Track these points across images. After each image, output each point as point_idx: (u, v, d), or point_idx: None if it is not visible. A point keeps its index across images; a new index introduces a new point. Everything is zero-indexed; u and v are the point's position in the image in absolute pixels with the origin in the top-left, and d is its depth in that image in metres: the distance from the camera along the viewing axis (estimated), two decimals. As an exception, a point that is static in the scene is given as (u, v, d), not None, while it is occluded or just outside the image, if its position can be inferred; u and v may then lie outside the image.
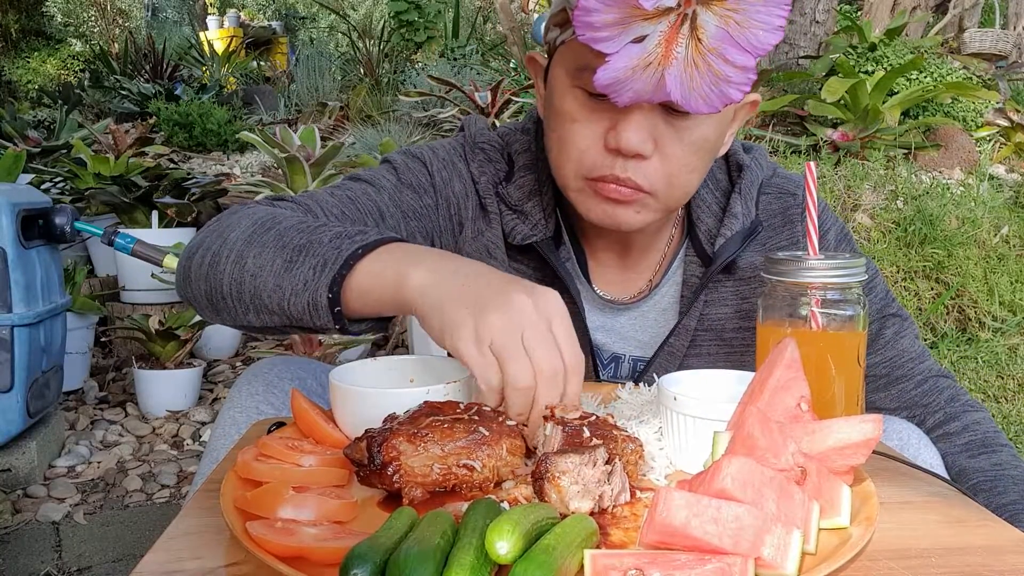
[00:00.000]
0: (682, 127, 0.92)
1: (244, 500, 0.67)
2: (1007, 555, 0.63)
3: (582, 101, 0.94)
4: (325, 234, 0.85)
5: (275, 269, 0.85)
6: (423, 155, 1.10)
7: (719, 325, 1.10)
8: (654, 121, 0.91)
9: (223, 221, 0.95)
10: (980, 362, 3.11)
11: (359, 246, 0.82)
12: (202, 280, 0.92)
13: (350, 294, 0.82)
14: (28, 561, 1.96)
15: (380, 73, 5.75)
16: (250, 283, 0.87)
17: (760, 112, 4.27)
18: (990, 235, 3.57)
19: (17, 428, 2.21)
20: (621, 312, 1.14)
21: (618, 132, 0.90)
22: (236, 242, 0.89)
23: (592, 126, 0.93)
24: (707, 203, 1.11)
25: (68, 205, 2.40)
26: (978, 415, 1.09)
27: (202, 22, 9.74)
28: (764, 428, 0.64)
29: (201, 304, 0.95)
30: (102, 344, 3.33)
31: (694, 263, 1.10)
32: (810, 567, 0.57)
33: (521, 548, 0.53)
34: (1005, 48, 5.08)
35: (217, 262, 0.90)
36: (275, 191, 3.36)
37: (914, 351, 1.11)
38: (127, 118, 5.47)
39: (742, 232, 1.07)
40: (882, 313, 1.11)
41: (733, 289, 1.10)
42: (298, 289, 0.83)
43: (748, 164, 1.11)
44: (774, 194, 1.12)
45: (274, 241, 0.87)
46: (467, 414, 0.73)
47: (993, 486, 1.00)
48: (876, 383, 1.11)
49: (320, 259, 0.83)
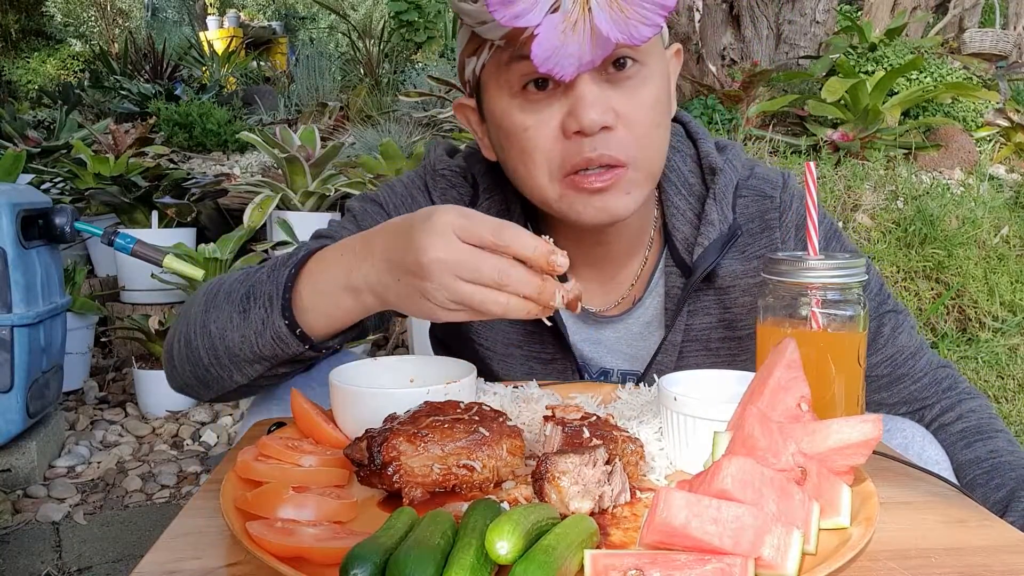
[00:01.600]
0: (632, 86, 0.92)
1: (244, 500, 0.67)
2: (1007, 555, 0.63)
3: (528, 106, 0.92)
4: (261, 274, 0.93)
5: (234, 323, 0.92)
6: (379, 197, 1.11)
7: (704, 335, 1.09)
8: (604, 92, 0.90)
9: (184, 308, 1.03)
10: (980, 362, 3.11)
11: (291, 268, 0.90)
12: (185, 363, 0.98)
13: (305, 314, 0.89)
14: (28, 561, 1.96)
15: (380, 73, 5.75)
16: (220, 345, 0.94)
17: (760, 112, 4.27)
18: (990, 235, 3.57)
19: (17, 428, 2.21)
20: (605, 325, 1.13)
21: (575, 114, 0.89)
22: (196, 316, 0.97)
23: (547, 123, 0.92)
24: (681, 210, 1.08)
25: (68, 205, 2.40)
26: (974, 403, 1.09)
27: (202, 22, 9.74)
28: (764, 428, 0.64)
29: (194, 387, 1.01)
30: (102, 344, 3.34)
31: (674, 274, 1.08)
32: (810, 567, 0.57)
33: (521, 548, 0.53)
34: (1005, 48, 5.09)
35: (189, 341, 0.97)
36: (275, 191, 3.36)
37: (912, 346, 1.11)
38: (127, 118, 5.47)
39: (720, 239, 1.05)
40: (878, 311, 1.10)
41: (715, 298, 1.08)
42: (259, 329, 0.90)
43: (721, 167, 1.08)
44: (751, 197, 1.08)
45: (224, 300, 0.94)
46: (467, 414, 0.73)
47: (990, 478, 1.00)
48: (879, 382, 1.10)
49: (265, 296, 0.90)
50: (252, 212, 3.25)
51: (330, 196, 3.45)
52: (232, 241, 3.09)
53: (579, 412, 0.79)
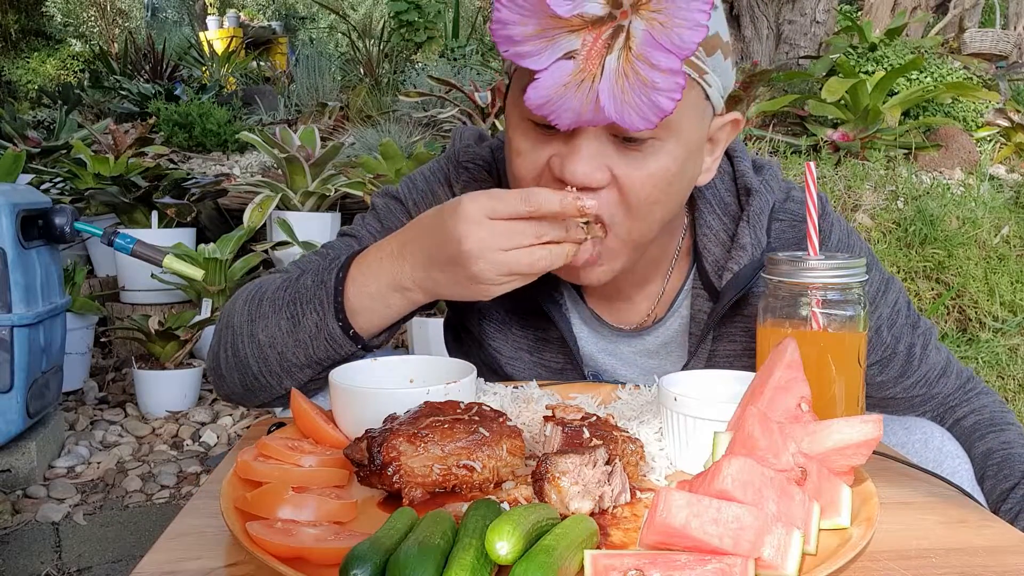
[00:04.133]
0: (636, 157, 0.85)
1: (244, 500, 0.67)
2: (1007, 555, 0.63)
3: (529, 133, 0.88)
4: (304, 280, 0.96)
5: (283, 329, 0.95)
6: (401, 193, 1.10)
7: (727, 363, 1.04)
8: (605, 151, 0.85)
9: (226, 311, 1.04)
10: (980, 362, 3.11)
11: (336, 272, 0.93)
12: (233, 372, 1.00)
13: (356, 316, 0.92)
14: (28, 561, 1.96)
15: (380, 73, 5.75)
16: (271, 352, 0.96)
17: (760, 112, 4.27)
18: (990, 235, 3.57)
19: (17, 428, 2.21)
20: (622, 339, 1.09)
21: (564, 163, 0.85)
22: (242, 326, 0.98)
23: (538, 159, 0.88)
24: (714, 230, 1.03)
25: (68, 205, 2.40)
26: (987, 399, 1.09)
27: (202, 22, 9.74)
28: (764, 428, 0.64)
29: (239, 394, 1.03)
30: (102, 344, 3.33)
31: (701, 297, 1.03)
32: (810, 567, 0.57)
33: (521, 548, 0.53)
34: (1005, 48, 5.09)
35: (237, 351, 0.98)
36: (275, 191, 3.36)
37: (941, 361, 1.08)
38: (127, 118, 5.46)
39: (752, 265, 0.98)
40: (912, 335, 1.06)
41: (743, 326, 1.02)
42: (313, 333, 0.93)
43: (757, 188, 1.02)
44: (788, 221, 1.03)
45: (270, 308, 0.96)
46: (467, 414, 0.73)
47: (999, 469, 1.00)
48: (911, 402, 1.09)
49: (315, 301, 0.93)
50: (252, 212, 3.25)
51: (330, 196, 3.45)
52: (232, 241, 3.09)
53: (579, 412, 0.79)
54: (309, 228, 3.30)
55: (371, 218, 1.11)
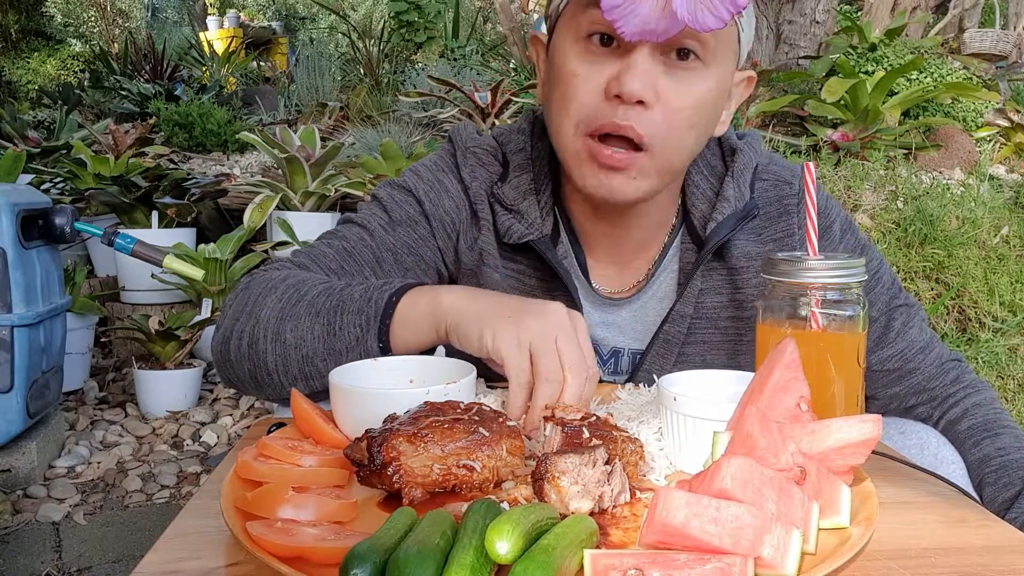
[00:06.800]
0: (684, 78, 0.93)
1: (244, 500, 0.67)
2: (1007, 555, 0.63)
3: (586, 56, 0.94)
4: (351, 292, 0.96)
5: (316, 335, 0.95)
6: (408, 183, 1.12)
7: (714, 314, 1.10)
8: (656, 70, 0.92)
9: (248, 298, 1.02)
10: (980, 362, 3.11)
11: (388, 295, 0.94)
12: (244, 361, 0.99)
13: (393, 340, 0.94)
14: (28, 561, 1.96)
15: (380, 73, 5.75)
16: (295, 354, 0.95)
17: (760, 112, 4.27)
18: (990, 235, 3.57)
19: (17, 428, 2.21)
20: (621, 306, 1.13)
21: (620, 79, 0.91)
22: (269, 320, 0.97)
23: (594, 78, 0.94)
24: (701, 189, 1.10)
25: (68, 205, 2.40)
26: (979, 397, 1.09)
27: (202, 22, 9.73)
28: (764, 428, 0.64)
29: (245, 383, 1.02)
30: (102, 344, 3.34)
31: (689, 249, 1.10)
32: (810, 567, 0.57)
33: (521, 548, 0.53)
34: (1005, 48, 5.09)
35: (255, 343, 0.97)
36: (275, 191, 3.36)
37: (922, 340, 1.11)
38: (127, 118, 5.46)
39: (734, 215, 1.06)
40: (889, 305, 1.11)
41: (727, 278, 1.09)
42: (351, 345, 0.94)
43: (741, 148, 1.10)
44: (771, 181, 1.11)
45: (306, 311, 0.96)
46: (467, 414, 0.73)
47: (998, 477, 1.00)
48: (889, 376, 1.11)
49: (362, 316, 0.94)
50: (252, 212, 3.25)
51: (330, 196, 3.45)
52: (232, 241, 3.09)
53: (579, 412, 0.79)
54: (309, 228, 3.30)
55: (377, 208, 1.12)
